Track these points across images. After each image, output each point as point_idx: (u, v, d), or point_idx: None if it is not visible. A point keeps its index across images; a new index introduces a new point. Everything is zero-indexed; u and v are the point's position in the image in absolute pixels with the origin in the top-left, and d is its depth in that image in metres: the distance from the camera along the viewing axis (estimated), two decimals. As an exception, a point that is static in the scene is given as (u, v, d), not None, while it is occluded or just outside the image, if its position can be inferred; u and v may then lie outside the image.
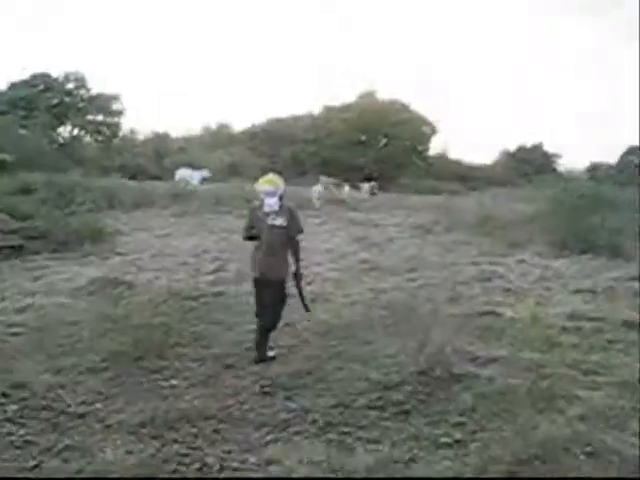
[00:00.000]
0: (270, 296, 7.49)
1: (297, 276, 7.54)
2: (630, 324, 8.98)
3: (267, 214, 7.31)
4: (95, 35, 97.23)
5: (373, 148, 52.03)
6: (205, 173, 37.10)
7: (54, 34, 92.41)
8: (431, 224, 24.28)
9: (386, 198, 37.88)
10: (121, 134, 57.56)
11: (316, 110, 56.97)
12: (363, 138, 52.77)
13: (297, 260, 7.49)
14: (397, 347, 7.72)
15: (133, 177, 36.76)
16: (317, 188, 31.63)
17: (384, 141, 53.06)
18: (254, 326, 7.92)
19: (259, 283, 7.55)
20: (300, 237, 7.61)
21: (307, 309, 7.88)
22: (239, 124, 65.79)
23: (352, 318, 9.48)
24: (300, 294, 7.67)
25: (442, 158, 59.08)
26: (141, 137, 59.98)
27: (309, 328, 8.97)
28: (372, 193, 36.52)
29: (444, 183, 47.58)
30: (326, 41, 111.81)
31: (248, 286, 8.65)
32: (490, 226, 21.17)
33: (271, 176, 7.61)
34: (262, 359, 7.44)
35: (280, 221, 7.28)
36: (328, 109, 54.50)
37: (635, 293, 11.03)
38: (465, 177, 53.03)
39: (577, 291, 11.58)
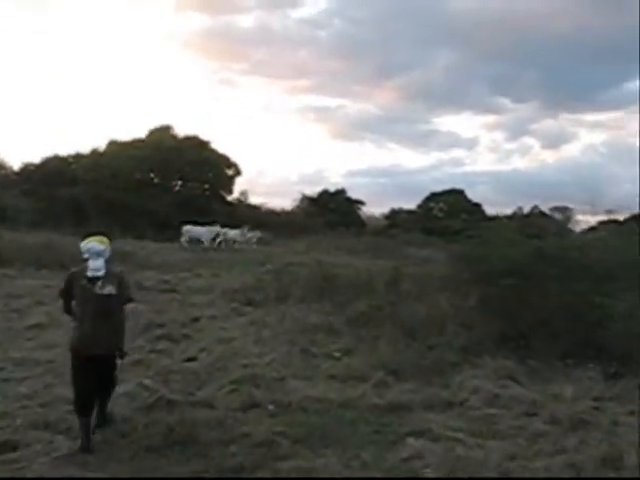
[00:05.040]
0: (102, 370, 6.15)
1: (120, 350, 6.28)
2: None
3: (92, 281, 5.99)
4: None
5: (168, 191, 42.56)
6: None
7: None
8: (253, 291, 16.00)
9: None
10: None
11: (102, 146, 46.45)
12: (156, 180, 43.17)
13: (122, 332, 6.32)
14: None
15: None
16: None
17: (179, 183, 43.77)
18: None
19: (83, 359, 6.04)
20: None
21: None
22: (17, 163, 53.84)
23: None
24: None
25: (242, 203, 51.23)
26: None
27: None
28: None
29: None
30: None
31: None
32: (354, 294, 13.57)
33: (99, 237, 6.20)
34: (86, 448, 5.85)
35: (109, 289, 6.04)
36: (115, 144, 44.15)
37: None
38: (266, 224, 45.41)
39: None
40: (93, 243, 6.07)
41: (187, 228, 32.42)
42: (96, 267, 5.99)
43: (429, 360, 8.93)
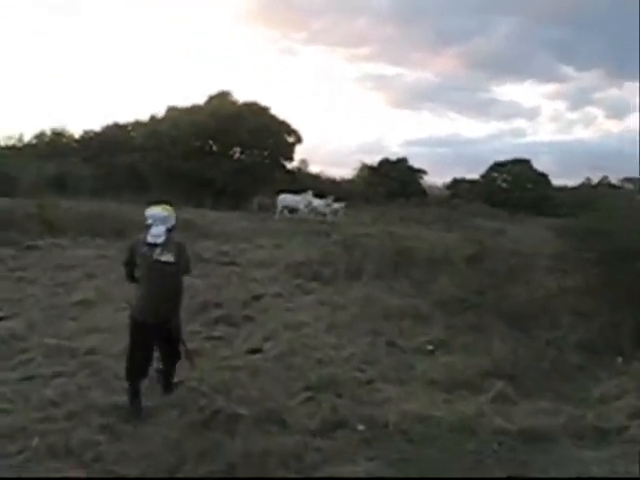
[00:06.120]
0: (162, 339, 5.94)
1: (177, 318, 6.10)
2: None
3: (152, 247, 5.81)
4: None
5: (228, 158, 40.86)
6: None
7: None
8: (320, 265, 14.23)
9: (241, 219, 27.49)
10: None
11: (161, 113, 44.99)
12: (215, 147, 41.49)
13: (179, 300, 6.07)
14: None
15: None
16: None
17: (239, 150, 41.96)
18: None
19: (141, 326, 5.83)
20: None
21: (192, 363, 6.18)
22: (78, 131, 53.31)
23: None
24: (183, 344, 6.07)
25: (301, 172, 49.26)
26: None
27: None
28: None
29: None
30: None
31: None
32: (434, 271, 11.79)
33: (163, 205, 6.15)
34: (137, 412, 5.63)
35: (167, 257, 5.82)
36: (174, 111, 42.58)
37: None
38: (327, 193, 43.41)
39: None
40: (157, 210, 6.00)
41: (282, 197, 30.43)
42: (156, 233, 5.85)
43: (548, 361, 7.02)
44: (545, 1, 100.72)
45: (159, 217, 5.93)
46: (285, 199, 30.17)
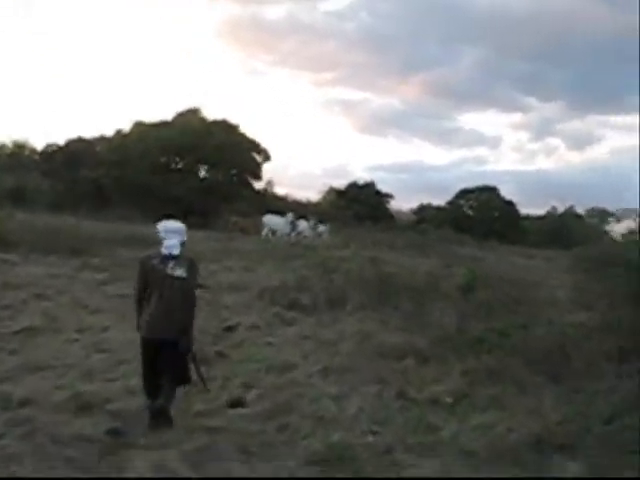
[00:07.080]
0: (171, 356, 5.45)
1: (188, 338, 5.54)
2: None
3: (165, 261, 5.55)
4: None
5: (194, 175, 39.09)
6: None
7: None
8: (297, 291, 12.81)
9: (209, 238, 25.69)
10: None
11: (127, 128, 43.16)
12: (181, 164, 39.72)
13: (190, 318, 5.61)
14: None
15: None
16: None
17: (205, 168, 40.23)
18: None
19: (151, 344, 5.53)
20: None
21: (205, 385, 5.86)
22: (42, 144, 51.32)
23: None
24: (196, 368, 5.69)
25: (268, 193, 47.70)
26: None
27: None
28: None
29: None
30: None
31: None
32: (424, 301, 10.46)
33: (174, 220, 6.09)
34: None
35: (179, 272, 5.56)
36: (141, 126, 40.74)
37: None
38: (296, 215, 41.83)
39: None
40: (171, 222, 5.87)
41: (268, 218, 29.27)
42: (171, 245, 5.63)
43: (603, 422, 5.56)
44: (509, 34, 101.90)
45: (173, 229, 5.74)
46: (271, 220, 28.96)
